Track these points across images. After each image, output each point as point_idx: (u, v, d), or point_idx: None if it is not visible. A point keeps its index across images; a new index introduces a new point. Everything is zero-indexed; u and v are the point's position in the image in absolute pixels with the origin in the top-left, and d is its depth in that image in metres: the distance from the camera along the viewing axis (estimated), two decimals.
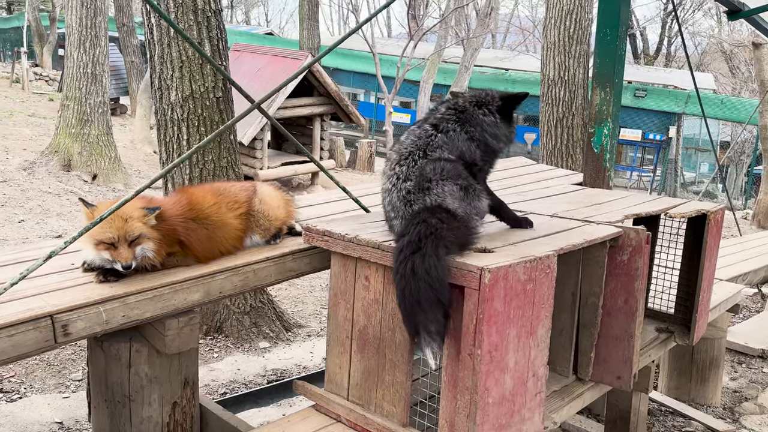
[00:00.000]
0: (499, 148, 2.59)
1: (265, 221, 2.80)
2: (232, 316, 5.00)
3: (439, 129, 2.49)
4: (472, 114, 2.52)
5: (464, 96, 2.64)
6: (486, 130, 2.51)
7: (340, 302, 2.61)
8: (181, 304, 2.48)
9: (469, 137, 2.48)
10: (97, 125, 10.45)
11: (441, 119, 2.54)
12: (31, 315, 2.09)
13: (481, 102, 2.57)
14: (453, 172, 2.37)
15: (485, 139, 2.51)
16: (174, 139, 4.71)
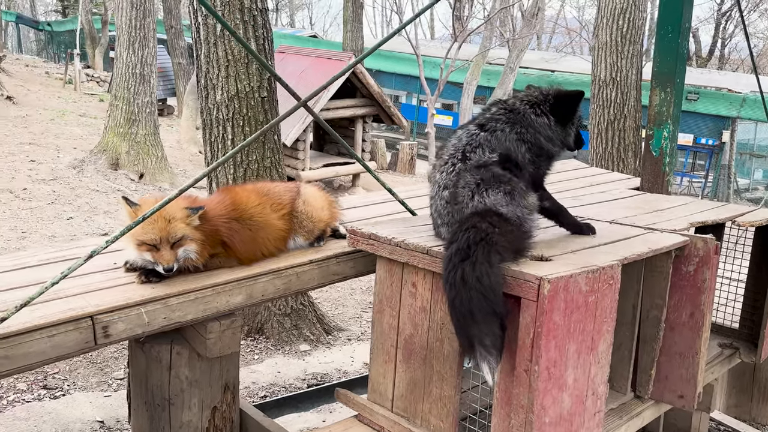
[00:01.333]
0: (554, 152, 2.42)
1: (308, 223, 2.72)
2: (273, 317, 4.95)
3: (485, 128, 2.35)
4: (523, 114, 2.37)
5: (519, 95, 2.50)
6: (539, 132, 2.35)
7: (385, 309, 2.49)
8: (223, 307, 2.41)
9: (520, 138, 2.33)
10: (144, 125, 10.62)
11: (489, 119, 2.40)
12: (71, 315, 2.05)
13: (534, 101, 2.42)
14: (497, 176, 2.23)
15: (538, 141, 2.35)
16: (219, 139, 4.69)
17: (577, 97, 2.43)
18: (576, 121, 2.49)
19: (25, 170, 9.49)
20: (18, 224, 7.09)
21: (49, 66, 27.63)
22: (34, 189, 8.61)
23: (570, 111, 2.43)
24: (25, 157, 10.32)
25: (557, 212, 2.53)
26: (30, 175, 9.30)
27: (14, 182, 8.78)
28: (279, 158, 4.82)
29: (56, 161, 10.38)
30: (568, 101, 2.42)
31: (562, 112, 2.41)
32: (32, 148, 11.12)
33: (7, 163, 9.72)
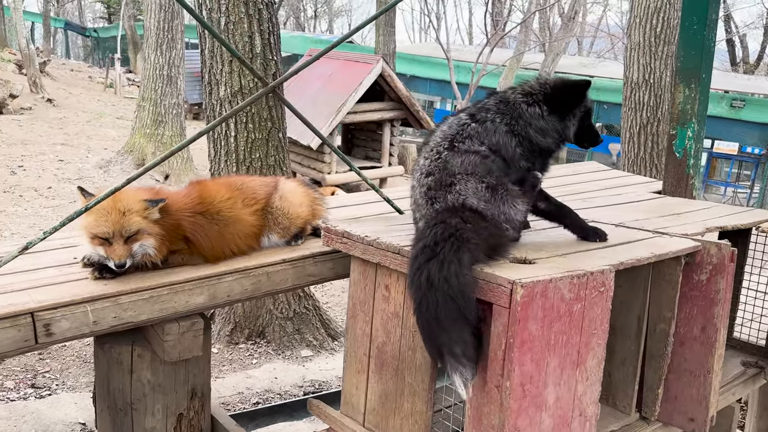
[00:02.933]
0: (546, 146, 2.16)
1: (284, 220, 2.54)
2: (275, 321, 4.80)
3: (476, 119, 2.13)
4: (514, 104, 2.14)
5: (515, 87, 2.27)
6: (530, 124, 2.11)
7: (358, 314, 2.30)
8: (182, 308, 2.24)
9: (509, 131, 2.09)
10: (170, 126, 10.70)
11: (481, 108, 2.17)
12: (10, 311, 1.91)
13: (529, 91, 2.19)
14: (481, 168, 1.99)
15: (528, 134, 2.11)
16: (222, 135, 4.58)
17: (577, 87, 2.18)
18: (579, 112, 2.22)
19: (52, 169, 9.64)
20: (37, 222, 7.15)
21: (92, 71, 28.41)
22: (59, 188, 8.71)
23: (569, 101, 2.18)
24: (55, 156, 10.50)
25: (557, 214, 2.27)
26: (56, 174, 9.44)
27: (40, 181, 8.91)
28: (284, 156, 4.67)
29: (84, 161, 10.53)
30: (566, 90, 2.17)
31: (559, 102, 2.16)
32: (63, 148, 11.32)
33: (37, 162, 9.90)
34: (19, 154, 10.28)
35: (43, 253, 2.40)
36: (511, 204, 2.01)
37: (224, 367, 4.38)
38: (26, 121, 13.49)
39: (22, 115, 14.12)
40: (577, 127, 2.22)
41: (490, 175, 2.02)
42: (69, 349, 4.36)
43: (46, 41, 31.72)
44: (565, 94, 2.17)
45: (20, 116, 13.88)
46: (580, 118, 2.23)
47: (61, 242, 2.53)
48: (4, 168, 9.30)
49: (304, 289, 4.92)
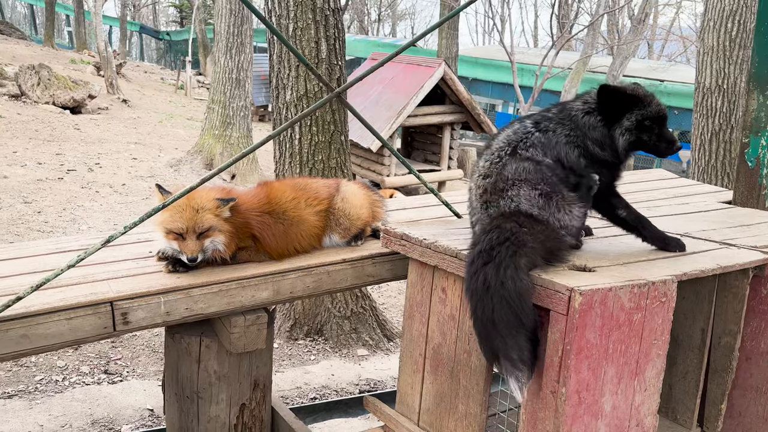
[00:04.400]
0: (604, 158, 2.06)
1: (345, 220, 2.62)
2: (333, 319, 4.90)
3: (540, 127, 2.12)
4: (572, 113, 2.08)
5: (579, 96, 2.23)
6: (586, 134, 2.04)
7: (415, 315, 2.35)
8: (248, 302, 2.36)
9: (569, 141, 2.05)
10: (238, 128, 11.05)
11: (544, 117, 2.15)
12: (91, 300, 2.06)
13: (586, 99, 2.09)
14: (535, 175, 1.99)
15: (587, 145, 2.04)
16: (287, 138, 4.72)
17: (620, 92, 2.01)
18: (632, 120, 2.04)
19: (126, 167, 10.14)
20: (112, 216, 7.54)
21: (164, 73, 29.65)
22: (132, 185, 9.16)
23: (614, 108, 2.03)
24: (129, 155, 11.03)
25: (636, 223, 2.20)
26: (130, 171, 9.92)
27: (115, 178, 9.39)
28: (345, 159, 4.77)
29: (156, 160, 11.01)
30: (609, 96, 2.02)
31: (604, 110, 2.04)
32: (137, 147, 11.88)
33: (112, 160, 10.43)
34: (96, 152, 10.86)
35: (121, 246, 2.57)
36: (567, 210, 1.99)
37: (284, 361, 4.51)
38: (103, 120, 14.22)
39: (99, 114, 14.89)
40: (631, 136, 2.05)
41: (544, 182, 2.01)
42: (139, 338, 4.60)
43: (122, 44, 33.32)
44: (608, 100, 2.02)
45: (97, 116, 14.65)
46: (635, 126, 2.05)
47: (137, 236, 2.70)
48: (82, 165, 9.85)
49: (362, 290, 5.01)
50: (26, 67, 14.21)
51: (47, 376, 3.98)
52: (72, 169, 9.49)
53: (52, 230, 6.81)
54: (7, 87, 14.47)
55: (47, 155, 10.04)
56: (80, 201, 8.02)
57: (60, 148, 10.66)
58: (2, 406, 3.60)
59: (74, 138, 11.69)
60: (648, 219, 2.22)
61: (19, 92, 13.99)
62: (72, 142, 11.27)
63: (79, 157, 10.29)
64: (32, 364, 4.11)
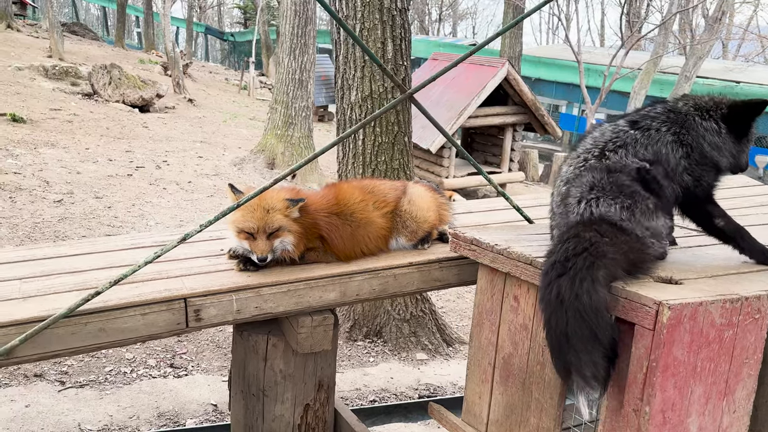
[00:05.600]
0: (721, 163, 2.03)
1: (412, 223, 2.61)
2: (392, 322, 4.90)
3: (638, 126, 2.04)
4: (686, 115, 2.03)
5: (685, 98, 2.16)
6: (704, 137, 2.00)
7: (484, 322, 2.31)
8: (316, 302, 2.37)
9: (677, 140, 1.99)
10: (300, 128, 11.22)
11: (645, 116, 2.07)
12: (166, 296, 2.12)
13: (702, 105, 2.07)
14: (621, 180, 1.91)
15: (700, 146, 1.99)
16: (351, 138, 4.75)
17: (756, 107, 2.02)
18: (751, 136, 2.10)
19: (192, 165, 10.45)
20: (178, 213, 7.79)
21: (228, 73, 30.46)
22: (198, 182, 9.44)
23: (747, 123, 2.05)
24: (195, 153, 11.37)
25: (734, 234, 2.11)
26: (196, 169, 10.22)
27: (181, 175, 9.69)
28: (408, 160, 4.76)
29: (221, 159, 11.32)
30: (746, 111, 2.03)
31: (737, 123, 2.04)
32: (202, 146, 12.25)
33: (179, 158, 10.77)
34: (164, 149, 11.25)
35: (194, 243, 2.63)
36: (653, 217, 1.92)
37: (343, 362, 4.54)
38: (169, 119, 14.74)
39: (166, 113, 15.44)
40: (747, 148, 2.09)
41: (629, 188, 1.95)
42: (204, 334, 4.73)
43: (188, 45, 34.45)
44: (746, 115, 2.03)
45: (164, 114, 15.20)
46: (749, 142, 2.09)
47: (209, 234, 2.76)
48: (150, 162, 10.22)
49: (422, 294, 4.99)
50: (98, 66, 14.87)
51: (116, 368, 4.13)
52: (141, 166, 9.86)
53: (121, 225, 7.09)
54: (81, 86, 15.20)
55: (117, 152, 10.48)
56: (148, 197, 8.32)
57: (129, 146, 11.10)
58: (75, 395, 3.76)
59: (143, 136, 12.16)
60: (746, 230, 2.11)
61: (91, 91, 14.66)
62: (140, 140, 11.73)
63: (147, 154, 10.69)
64: (102, 355, 4.29)
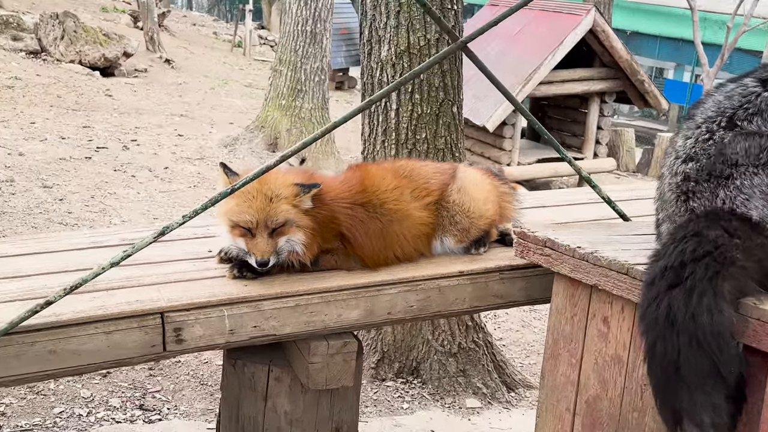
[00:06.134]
0: None
1: (463, 219, 2.62)
2: (433, 355, 4.90)
3: None
4: None
5: None
6: None
7: (560, 353, 2.31)
8: (333, 322, 2.40)
9: None
10: (311, 97, 11.31)
11: None
12: (137, 309, 2.16)
13: None
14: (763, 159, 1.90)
15: None
16: (380, 109, 4.76)
17: None
18: None
19: (170, 146, 10.62)
20: (151, 208, 7.92)
21: (218, 25, 30.87)
22: (177, 169, 9.58)
23: None
24: (173, 130, 11.55)
25: None
26: (174, 152, 10.38)
27: (155, 159, 9.86)
28: (457, 138, 4.76)
29: (207, 138, 11.47)
30: None
31: None
32: (183, 121, 12.44)
33: (152, 137, 10.96)
34: (132, 125, 11.45)
35: (174, 242, 2.68)
36: None
37: (367, 407, 4.56)
38: (141, 85, 15.00)
39: (137, 78, 15.71)
40: None
41: None
42: (184, 366, 4.80)
43: None
44: None
45: (134, 79, 15.46)
46: None
47: (194, 230, 2.81)
48: (115, 141, 10.41)
49: (474, 318, 4.97)
50: (47, 15, 15.11)
51: (68, 408, 4.22)
52: (102, 146, 10.05)
53: (76, 223, 7.24)
54: (25, 41, 15.42)
55: (72, 128, 10.69)
56: (112, 187, 8.48)
57: (88, 120, 11.32)
58: None
59: (105, 107, 12.39)
60: None
61: (38, 48, 14.93)
62: (102, 112, 11.95)
63: (111, 131, 10.89)
64: (51, 392, 4.38)
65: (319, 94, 11.41)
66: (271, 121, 11.29)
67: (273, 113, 11.33)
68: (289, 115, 11.25)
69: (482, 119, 11.02)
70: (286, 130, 11.23)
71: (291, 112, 11.24)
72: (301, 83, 11.23)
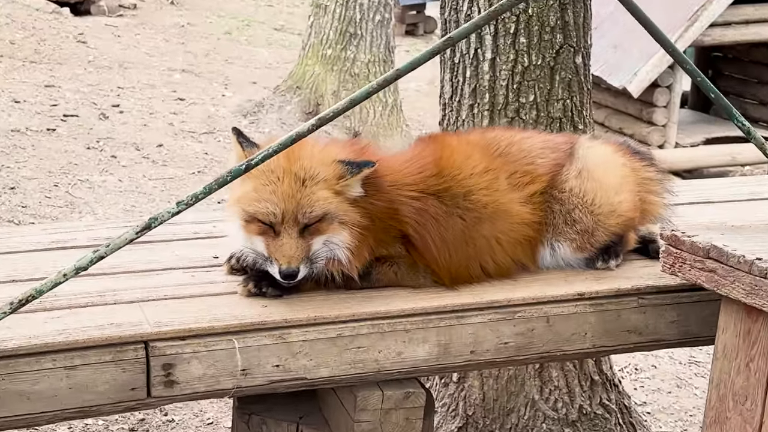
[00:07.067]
0: None
1: (585, 216, 2.62)
2: (541, 423, 4.88)
3: None
4: None
5: None
6: None
7: (729, 417, 2.30)
8: (390, 363, 2.41)
9: None
10: (369, 45, 11.35)
11: None
12: (112, 335, 2.20)
13: None
14: None
15: None
16: (468, 58, 4.77)
17: None
18: None
19: (166, 113, 10.75)
20: (137, 203, 8.01)
21: None
22: (175, 147, 9.68)
23: None
24: (171, 92, 11.71)
25: None
26: (173, 123, 10.50)
27: (145, 132, 9.99)
28: (582, 102, 4.72)
29: (218, 103, 11.59)
30: None
31: None
32: (185, 78, 12.59)
33: (141, 101, 11.12)
34: (115, 85, 11.61)
35: (166, 244, 2.73)
36: None
37: None
38: (127, 28, 15.22)
39: (121, 17, 16.01)
40: None
41: None
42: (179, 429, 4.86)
43: None
44: None
45: (117, 19, 15.76)
46: None
47: (193, 227, 2.86)
48: (89, 107, 10.57)
49: (602, 368, 4.93)
50: None
51: None
52: (71, 114, 10.18)
53: (33, 221, 7.36)
54: None
55: (29, 88, 10.87)
56: (83, 172, 8.59)
57: (52, 76, 11.51)
58: None
59: (77, 58, 12.58)
60: None
61: None
62: (72, 66, 12.14)
63: (84, 93, 11.04)
64: None
65: (380, 41, 11.44)
66: (311, 80, 11.36)
67: (314, 68, 11.40)
68: (337, 70, 11.30)
69: (622, 79, 10.93)
70: (333, 93, 11.28)
71: (340, 67, 11.29)
72: (356, 24, 11.28)
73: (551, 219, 2.65)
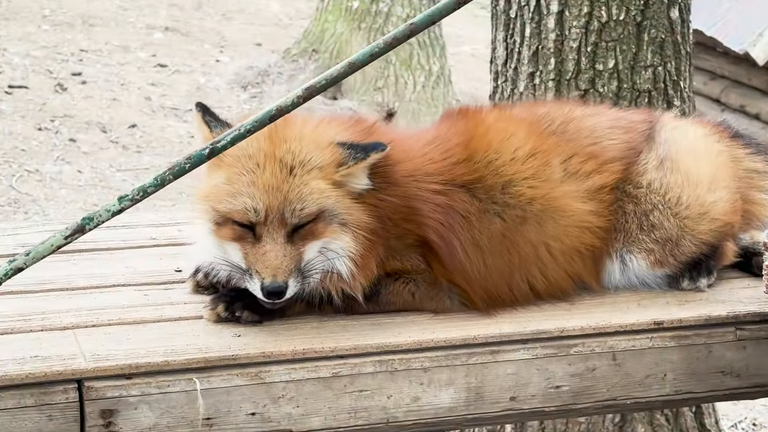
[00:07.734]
0: None
1: (667, 219, 2.61)
2: None
3: None
4: None
5: None
6: None
7: None
8: (402, 413, 2.41)
9: None
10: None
11: None
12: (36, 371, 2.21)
13: None
14: None
15: None
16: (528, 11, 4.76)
17: None
18: None
19: (142, 84, 10.84)
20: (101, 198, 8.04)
21: None
22: (153, 128, 9.76)
23: None
24: (150, 56, 11.80)
25: None
26: (150, 96, 10.58)
27: (114, 109, 10.06)
28: (680, 71, 4.71)
29: (210, 69, 11.68)
30: None
31: None
32: (169, 38, 12.69)
33: (111, 65, 11.21)
34: (76, 47, 11.71)
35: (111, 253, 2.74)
36: None
37: None
38: None
39: None
40: None
41: None
42: None
43: None
44: None
45: None
46: None
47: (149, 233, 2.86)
48: (43, 75, 10.66)
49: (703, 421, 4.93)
50: None
51: None
52: (18, 85, 10.31)
53: None
54: None
55: None
56: (33, 159, 8.68)
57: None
58: None
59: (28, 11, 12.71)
60: None
61: None
62: (22, 22, 12.27)
63: (35, 57, 11.16)
64: None
65: None
66: (332, 41, 11.42)
67: (335, 25, 11.45)
68: (365, 28, 11.35)
69: (742, 41, 10.89)
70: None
71: (369, 24, 11.34)
72: None
73: (622, 223, 2.64)
